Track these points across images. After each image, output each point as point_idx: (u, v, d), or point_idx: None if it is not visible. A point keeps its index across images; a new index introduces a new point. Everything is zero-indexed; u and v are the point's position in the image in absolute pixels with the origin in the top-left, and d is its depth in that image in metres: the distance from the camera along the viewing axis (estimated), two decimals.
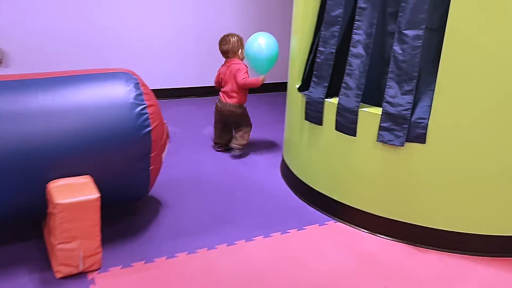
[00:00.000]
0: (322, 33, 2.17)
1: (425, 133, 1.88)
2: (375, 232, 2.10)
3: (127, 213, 2.20)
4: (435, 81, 1.87)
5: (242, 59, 2.92)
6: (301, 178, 2.42)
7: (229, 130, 3.01)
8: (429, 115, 1.87)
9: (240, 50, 2.88)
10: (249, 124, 2.99)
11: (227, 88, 2.90)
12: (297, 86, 2.39)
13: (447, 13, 1.80)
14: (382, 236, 2.08)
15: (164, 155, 2.11)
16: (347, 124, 2.08)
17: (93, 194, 1.68)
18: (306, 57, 2.37)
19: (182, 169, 2.74)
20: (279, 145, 3.19)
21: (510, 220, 1.93)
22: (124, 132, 1.86)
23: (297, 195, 2.46)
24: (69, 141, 1.76)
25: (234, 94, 2.88)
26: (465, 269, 1.88)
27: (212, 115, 3.04)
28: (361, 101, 2.03)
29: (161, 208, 2.28)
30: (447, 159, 1.88)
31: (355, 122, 2.05)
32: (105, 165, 1.85)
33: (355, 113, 2.04)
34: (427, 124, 1.87)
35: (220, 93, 2.96)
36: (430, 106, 1.88)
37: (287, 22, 3.46)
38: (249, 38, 2.81)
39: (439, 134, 1.87)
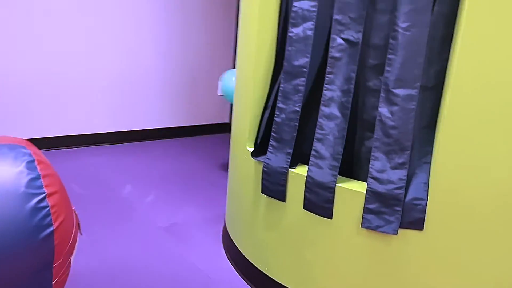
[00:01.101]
0: (282, 85, 1.72)
1: (424, 218, 1.49)
2: None
3: None
4: (431, 151, 1.50)
5: None
6: (256, 265, 1.91)
7: None
8: (427, 195, 1.48)
9: None
10: None
11: None
12: (250, 150, 1.90)
13: (445, 68, 1.45)
14: None
15: (73, 257, 1.50)
16: (319, 202, 1.63)
17: None
18: (259, 113, 1.91)
19: (97, 257, 2.09)
20: (219, 210, 2.67)
21: None
22: (12, 238, 1.24)
23: (251, 286, 1.94)
24: None
25: None
26: None
27: (132, 168, 2.47)
28: None
29: None
30: (450, 249, 1.50)
31: (331, 201, 1.61)
32: None
33: (331, 190, 1.59)
34: (425, 206, 1.48)
35: None
36: (427, 183, 1.49)
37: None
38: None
39: (440, 219, 1.48)
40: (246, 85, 1.93)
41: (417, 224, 1.49)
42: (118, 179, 3.03)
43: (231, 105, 4.42)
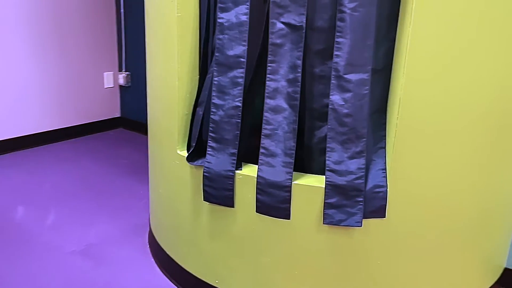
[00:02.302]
0: (216, 79, 1.52)
1: (385, 205, 1.44)
2: None
3: None
4: (385, 136, 1.45)
5: None
6: (203, 278, 1.73)
7: None
8: (387, 181, 1.44)
9: None
10: None
11: None
12: (182, 154, 1.68)
13: (393, 49, 1.39)
14: None
15: None
16: (274, 204, 1.50)
17: None
18: (188, 111, 1.69)
19: None
20: (137, 219, 2.39)
21: None
22: None
23: None
24: None
25: None
26: None
27: (17, 184, 2.07)
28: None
29: None
30: (412, 234, 1.48)
31: (287, 201, 1.48)
32: None
33: (287, 189, 1.47)
34: (386, 193, 1.43)
35: None
36: (385, 168, 1.44)
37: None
38: None
39: (400, 204, 1.45)
40: (167, 80, 1.69)
41: (379, 212, 1.45)
42: (2, 201, 2.55)
43: (121, 98, 4.03)
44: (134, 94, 3.92)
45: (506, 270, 1.88)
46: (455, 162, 1.43)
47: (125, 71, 3.89)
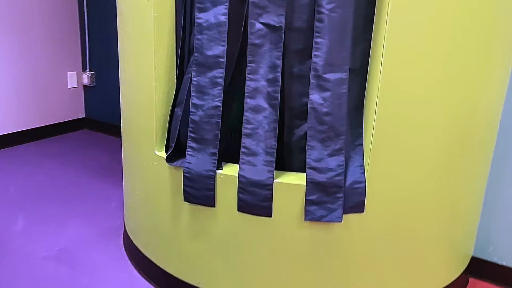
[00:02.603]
0: (195, 79, 1.52)
1: (364, 200, 1.49)
2: None
3: None
4: (362, 133, 1.50)
5: None
6: (184, 279, 1.72)
7: None
8: (365, 177, 1.48)
9: None
10: None
11: None
12: (160, 155, 1.67)
13: (369, 49, 1.44)
14: None
15: None
16: (256, 202, 1.51)
17: None
18: (166, 111, 1.68)
19: None
20: (111, 221, 2.35)
21: None
22: None
23: None
24: None
25: None
26: None
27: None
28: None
29: None
30: (388, 226, 1.54)
31: (269, 199, 1.50)
32: None
33: (269, 187, 1.49)
34: (364, 189, 1.48)
35: None
36: (363, 165, 1.49)
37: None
38: None
39: (378, 198, 1.50)
40: (143, 81, 1.67)
41: (358, 207, 1.49)
42: None
43: (85, 99, 3.93)
44: (99, 94, 3.84)
45: (473, 258, 1.97)
46: (428, 158, 1.49)
47: (89, 71, 3.79)
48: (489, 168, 1.83)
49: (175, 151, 1.63)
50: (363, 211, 1.50)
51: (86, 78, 3.79)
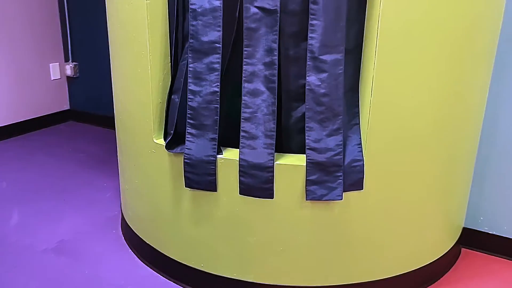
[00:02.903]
0: (191, 65, 1.53)
1: (363, 177, 1.53)
2: None
3: None
4: (358, 113, 1.53)
5: None
6: (189, 264, 1.75)
7: None
8: (363, 155, 1.52)
9: None
10: None
11: None
12: (158, 142, 1.68)
13: (363, 29, 1.46)
14: None
15: None
16: (258, 184, 1.54)
17: None
18: (163, 99, 1.68)
19: None
20: (107, 212, 2.35)
21: None
22: None
23: (186, 286, 1.78)
24: None
25: None
26: None
27: None
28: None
29: None
30: (385, 202, 1.58)
31: (270, 181, 1.53)
32: None
33: (270, 170, 1.51)
34: (363, 167, 1.52)
35: None
36: (360, 143, 1.53)
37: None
38: None
39: (376, 175, 1.54)
40: (138, 69, 1.67)
41: (357, 184, 1.53)
42: None
43: (69, 90, 3.88)
44: (83, 85, 3.79)
45: (464, 229, 2.05)
46: (422, 134, 1.54)
47: (72, 62, 3.74)
48: (478, 142, 1.89)
49: (174, 138, 1.64)
50: (362, 189, 1.54)
51: (69, 69, 3.73)
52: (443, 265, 1.89)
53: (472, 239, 2.05)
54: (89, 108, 3.82)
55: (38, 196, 2.53)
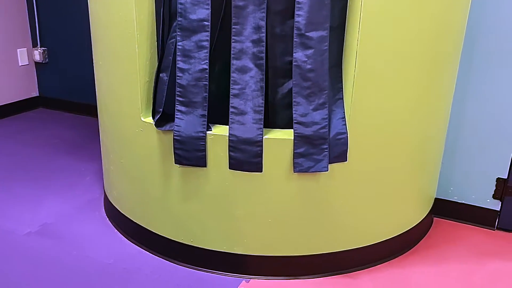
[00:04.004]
0: (180, 43, 1.56)
1: (347, 150, 1.61)
2: (309, 275, 1.75)
3: None
4: (342, 88, 1.61)
5: None
6: (179, 240, 1.79)
7: None
8: (347, 128, 1.60)
9: None
10: None
11: None
12: (147, 121, 1.70)
13: (346, 7, 1.53)
14: (318, 275, 1.75)
15: None
16: (247, 159, 1.60)
17: None
18: (150, 78, 1.70)
19: None
20: (88, 194, 2.35)
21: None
22: None
23: (180, 263, 1.82)
24: None
25: None
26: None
27: None
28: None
29: None
30: (367, 173, 1.67)
31: (259, 155, 1.59)
32: None
33: (259, 144, 1.57)
34: (347, 139, 1.60)
35: None
36: (344, 117, 1.61)
37: None
38: None
39: (358, 147, 1.63)
40: (124, 48, 1.68)
41: (342, 156, 1.61)
42: None
43: (38, 76, 3.79)
44: (52, 70, 3.71)
45: (436, 199, 2.18)
46: (402, 108, 1.63)
47: (41, 47, 3.65)
48: (449, 120, 2.01)
49: (163, 116, 1.67)
50: (346, 160, 1.62)
51: (37, 55, 3.64)
52: (418, 233, 2.01)
53: (443, 209, 2.18)
54: (60, 94, 3.74)
55: (14, 183, 2.49)
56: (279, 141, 1.58)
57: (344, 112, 1.60)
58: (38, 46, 3.65)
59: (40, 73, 3.77)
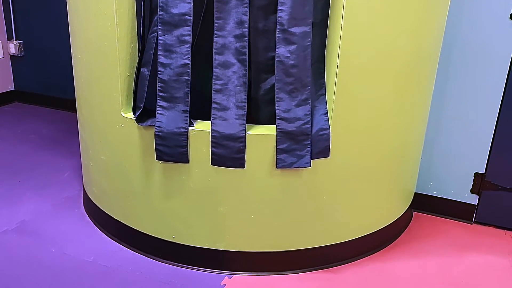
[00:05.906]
0: (161, 38, 1.53)
1: (329, 145, 1.61)
2: (292, 270, 1.75)
3: None
4: (324, 84, 1.61)
5: None
6: (161, 237, 1.77)
7: None
8: (329, 124, 1.60)
9: None
10: None
11: None
12: (127, 116, 1.67)
13: (328, 3, 1.53)
14: (301, 270, 1.76)
15: None
16: (230, 155, 1.58)
17: None
18: (130, 73, 1.67)
19: None
20: (67, 191, 2.30)
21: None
22: None
23: (161, 260, 1.80)
24: None
25: None
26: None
27: None
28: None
29: None
30: (349, 168, 1.68)
31: (242, 151, 1.58)
32: None
33: (242, 140, 1.56)
34: (329, 135, 1.60)
35: None
36: (327, 113, 1.61)
37: None
38: None
39: (340, 144, 1.63)
40: (104, 43, 1.65)
41: (324, 152, 1.62)
42: None
43: (14, 70, 3.69)
44: (28, 64, 3.62)
45: (416, 194, 2.21)
46: (383, 104, 1.64)
47: (16, 40, 3.55)
48: (428, 116, 2.03)
49: (144, 112, 1.64)
50: (329, 156, 1.63)
51: (13, 48, 3.55)
52: (398, 227, 2.03)
53: (423, 203, 2.21)
54: (36, 89, 3.66)
55: None
56: (262, 137, 1.57)
57: (326, 108, 1.60)
58: (14, 39, 3.56)
59: (15, 66, 3.68)
